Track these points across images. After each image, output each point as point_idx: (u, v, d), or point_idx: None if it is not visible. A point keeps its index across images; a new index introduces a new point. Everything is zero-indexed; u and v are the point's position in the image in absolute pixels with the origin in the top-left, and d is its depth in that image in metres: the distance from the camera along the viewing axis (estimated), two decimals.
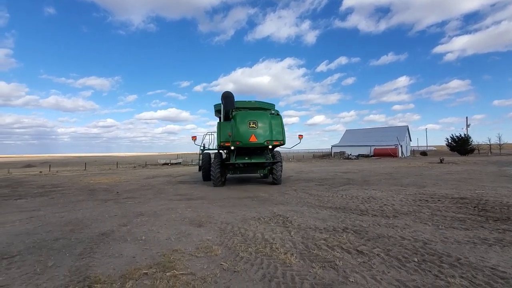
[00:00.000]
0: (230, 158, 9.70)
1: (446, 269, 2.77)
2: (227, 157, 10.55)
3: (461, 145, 40.75)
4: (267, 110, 10.62)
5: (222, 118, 10.09)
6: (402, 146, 43.27)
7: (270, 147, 9.76)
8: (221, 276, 2.72)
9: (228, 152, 10.46)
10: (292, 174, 14.76)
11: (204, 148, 12.64)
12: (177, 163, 35.38)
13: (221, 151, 11.20)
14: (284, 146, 10.14)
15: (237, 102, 10.18)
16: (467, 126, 46.71)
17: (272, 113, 9.99)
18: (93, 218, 5.37)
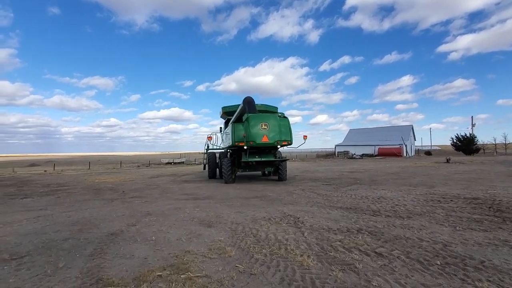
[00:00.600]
0: (243, 157, 10.31)
1: (472, 273, 2.66)
2: (235, 156, 11.15)
3: (467, 145, 40.43)
4: (275, 113, 11.23)
5: (234, 120, 10.51)
6: (407, 146, 42.99)
7: (279, 147, 10.48)
8: (238, 279, 2.62)
9: (236, 152, 11.07)
10: (298, 174, 14.64)
11: (209, 148, 13.34)
12: (180, 163, 35.42)
13: (229, 150, 11.67)
14: (290, 146, 10.68)
15: None
16: (472, 126, 46.30)
17: (280, 116, 10.51)
18: (101, 218, 5.30)
